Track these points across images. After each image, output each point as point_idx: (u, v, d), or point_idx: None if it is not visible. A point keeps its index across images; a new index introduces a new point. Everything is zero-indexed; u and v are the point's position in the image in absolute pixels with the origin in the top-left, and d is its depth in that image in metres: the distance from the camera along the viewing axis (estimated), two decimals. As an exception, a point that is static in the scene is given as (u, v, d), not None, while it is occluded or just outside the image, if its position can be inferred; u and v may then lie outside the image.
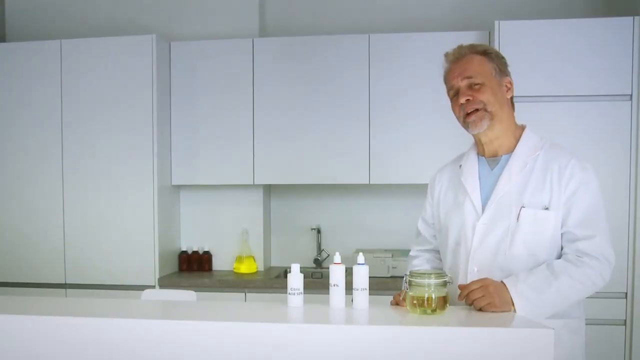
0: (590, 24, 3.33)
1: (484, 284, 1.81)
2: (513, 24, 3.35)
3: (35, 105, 3.78)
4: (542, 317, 1.78)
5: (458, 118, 1.99)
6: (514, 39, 3.34)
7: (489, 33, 3.52)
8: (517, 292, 1.79)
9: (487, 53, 1.97)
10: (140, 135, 3.69)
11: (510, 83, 1.99)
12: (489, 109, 1.92)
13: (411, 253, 2.27)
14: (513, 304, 1.78)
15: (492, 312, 1.76)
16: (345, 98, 3.71)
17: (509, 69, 2.01)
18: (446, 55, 2.01)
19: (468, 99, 1.92)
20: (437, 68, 3.67)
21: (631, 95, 3.27)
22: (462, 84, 1.94)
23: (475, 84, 1.92)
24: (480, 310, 1.78)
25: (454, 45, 2.01)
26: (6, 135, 3.82)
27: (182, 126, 3.87)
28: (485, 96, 1.92)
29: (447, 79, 2.01)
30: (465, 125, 1.97)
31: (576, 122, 3.31)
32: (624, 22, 3.28)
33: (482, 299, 1.77)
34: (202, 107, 3.85)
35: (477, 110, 1.92)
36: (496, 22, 3.36)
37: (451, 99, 2.00)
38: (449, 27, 3.88)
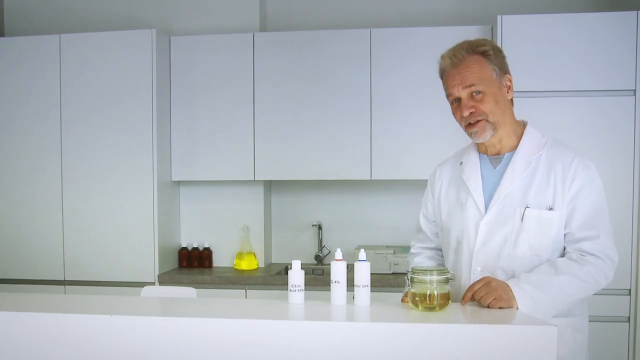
0: (593, 19, 3.31)
1: (485, 281, 1.79)
2: (516, 19, 3.33)
3: (34, 100, 3.76)
4: (546, 317, 1.76)
5: (460, 123, 1.96)
6: (517, 33, 3.32)
7: (492, 28, 3.50)
8: (520, 290, 1.77)
9: (486, 54, 1.89)
10: (139, 130, 3.67)
11: (510, 80, 1.94)
12: (490, 120, 1.89)
13: (412, 250, 2.25)
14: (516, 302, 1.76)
15: (500, 308, 1.74)
16: (346, 93, 3.69)
17: (508, 61, 1.95)
18: (443, 58, 1.93)
19: (471, 112, 1.89)
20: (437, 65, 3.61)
21: (634, 91, 3.24)
22: (464, 94, 1.88)
23: (477, 92, 1.88)
24: (488, 306, 1.75)
25: (457, 41, 1.97)
26: (5, 131, 3.80)
27: (182, 121, 3.85)
28: (487, 106, 1.88)
29: (446, 85, 1.94)
30: (468, 134, 1.95)
31: (579, 118, 3.29)
32: (627, 17, 3.25)
33: (488, 296, 1.75)
34: (202, 102, 3.83)
35: (479, 121, 1.89)
36: (499, 17, 3.34)
37: (451, 104, 1.96)
38: (452, 22, 3.86)
